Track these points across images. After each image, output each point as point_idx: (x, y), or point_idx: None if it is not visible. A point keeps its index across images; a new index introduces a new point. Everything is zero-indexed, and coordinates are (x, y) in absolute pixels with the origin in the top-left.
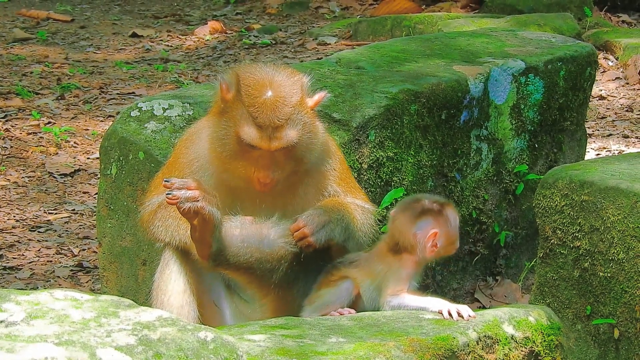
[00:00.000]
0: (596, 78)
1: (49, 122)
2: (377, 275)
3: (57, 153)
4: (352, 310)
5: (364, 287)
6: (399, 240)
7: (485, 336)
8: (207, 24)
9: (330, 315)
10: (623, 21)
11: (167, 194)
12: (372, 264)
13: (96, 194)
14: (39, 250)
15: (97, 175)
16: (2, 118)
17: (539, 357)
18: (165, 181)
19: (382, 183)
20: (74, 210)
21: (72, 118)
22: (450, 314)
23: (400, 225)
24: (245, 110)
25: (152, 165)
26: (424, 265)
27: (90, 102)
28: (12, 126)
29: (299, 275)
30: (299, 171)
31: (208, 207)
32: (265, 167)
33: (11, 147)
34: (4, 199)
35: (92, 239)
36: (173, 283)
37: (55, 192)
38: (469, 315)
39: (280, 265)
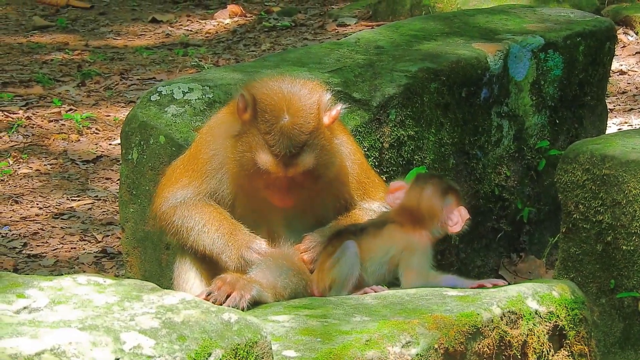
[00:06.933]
0: (616, 53)
1: (70, 109)
2: (388, 251)
3: (78, 140)
4: (384, 288)
5: (372, 259)
6: (420, 211)
7: (509, 312)
8: (226, 7)
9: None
10: None
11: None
12: (384, 238)
13: (118, 179)
14: (62, 238)
15: (119, 161)
16: (23, 106)
17: (564, 332)
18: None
19: (404, 162)
20: (96, 196)
21: (94, 105)
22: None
23: (427, 198)
24: (261, 137)
25: (173, 149)
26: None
27: (111, 89)
28: (34, 114)
29: None
30: (318, 185)
31: (249, 295)
32: (283, 189)
33: (33, 135)
34: (26, 187)
35: (116, 225)
36: (194, 271)
37: (77, 179)
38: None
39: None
